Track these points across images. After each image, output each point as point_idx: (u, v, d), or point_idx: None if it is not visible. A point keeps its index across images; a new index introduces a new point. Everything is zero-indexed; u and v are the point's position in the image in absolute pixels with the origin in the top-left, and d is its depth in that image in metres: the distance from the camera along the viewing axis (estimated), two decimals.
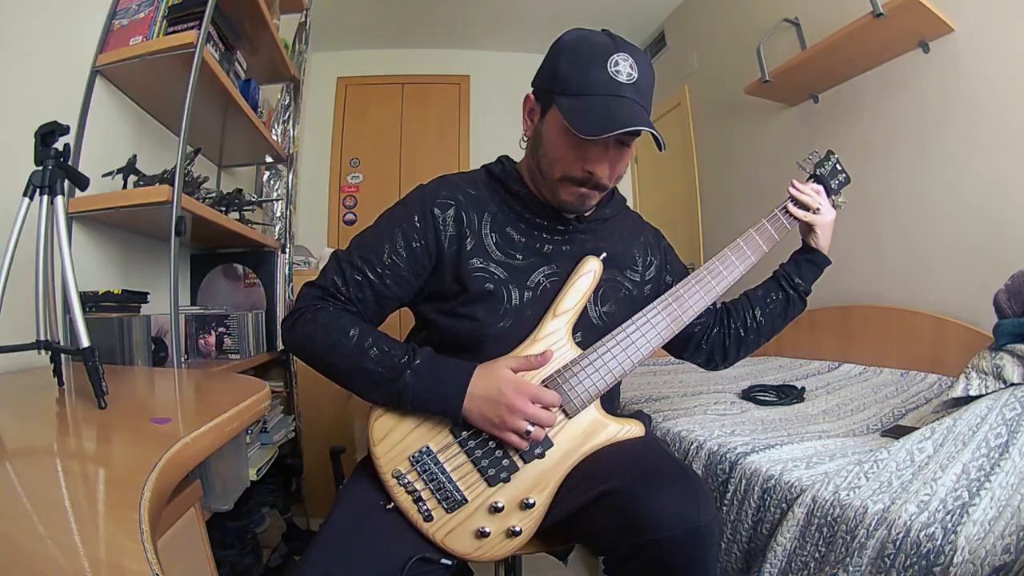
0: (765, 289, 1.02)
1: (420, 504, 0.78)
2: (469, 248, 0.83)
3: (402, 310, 0.93)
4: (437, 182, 0.89)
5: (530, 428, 0.76)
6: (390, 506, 0.79)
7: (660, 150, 0.76)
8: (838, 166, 0.99)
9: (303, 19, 2.16)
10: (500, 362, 0.79)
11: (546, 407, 0.78)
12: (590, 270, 0.85)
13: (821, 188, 0.97)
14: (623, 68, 0.76)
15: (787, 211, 0.95)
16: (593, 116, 0.74)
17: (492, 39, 3.50)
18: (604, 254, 0.87)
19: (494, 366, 0.79)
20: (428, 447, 0.80)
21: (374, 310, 0.85)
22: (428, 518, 0.78)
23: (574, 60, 0.78)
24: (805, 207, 0.95)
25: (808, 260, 1.00)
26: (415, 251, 0.83)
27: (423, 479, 0.79)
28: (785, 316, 1.01)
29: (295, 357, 0.86)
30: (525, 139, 0.87)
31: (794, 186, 0.96)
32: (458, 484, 0.79)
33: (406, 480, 0.79)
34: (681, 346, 1.02)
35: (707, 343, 1.02)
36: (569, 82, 0.77)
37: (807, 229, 0.98)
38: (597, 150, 0.78)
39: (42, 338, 0.76)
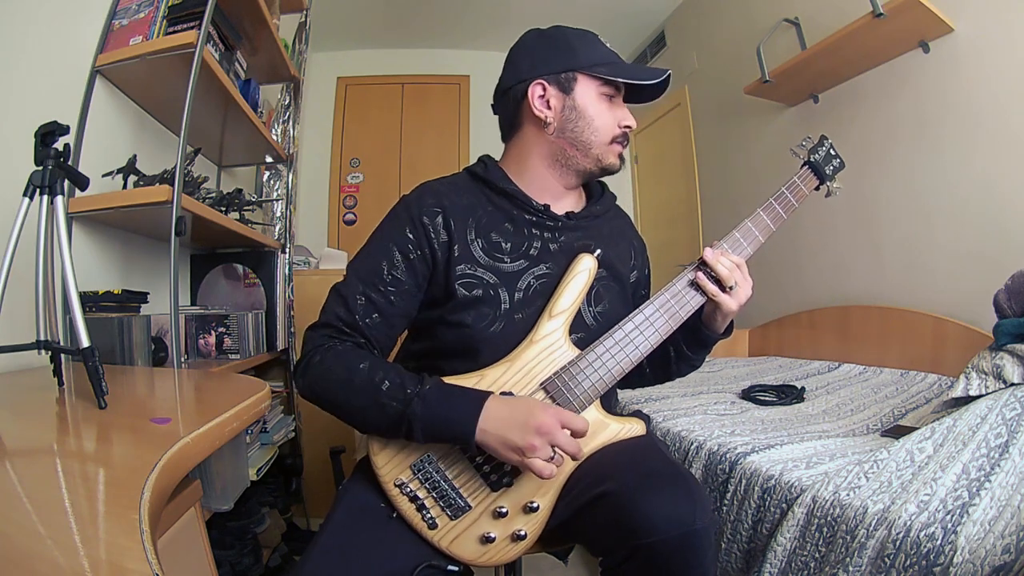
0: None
1: (424, 512, 0.78)
2: (457, 255, 0.83)
3: None
4: (419, 191, 0.88)
5: (553, 454, 0.71)
6: (394, 515, 0.79)
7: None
8: (832, 151, 0.98)
9: (303, 19, 2.16)
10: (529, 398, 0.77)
11: (577, 434, 0.72)
12: (585, 268, 0.84)
13: (743, 263, 0.84)
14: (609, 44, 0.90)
15: (694, 283, 0.82)
16: (635, 72, 0.87)
17: (492, 39, 3.50)
18: (599, 251, 0.86)
19: (520, 396, 0.77)
20: (429, 455, 0.79)
21: (384, 331, 0.84)
22: (432, 526, 0.78)
23: (584, 42, 0.87)
24: (717, 281, 0.81)
25: (695, 340, 0.89)
26: (413, 263, 0.83)
27: (426, 487, 0.78)
28: (667, 373, 0.97)
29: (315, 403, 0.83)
30: (548, 126, 0.87)
31: (708, 253, 0.81)
32: (461, 491, 0.78)
33: (408, 489, 0.78)
34: None
35: None
36: (593, 56, 0.87)
37: (711, 305, 0.84)
38: (624, 107, 0.89)
39: (42, 338, 0.76)
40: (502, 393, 0.78)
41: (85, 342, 0.70)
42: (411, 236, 0.83)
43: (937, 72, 1.74)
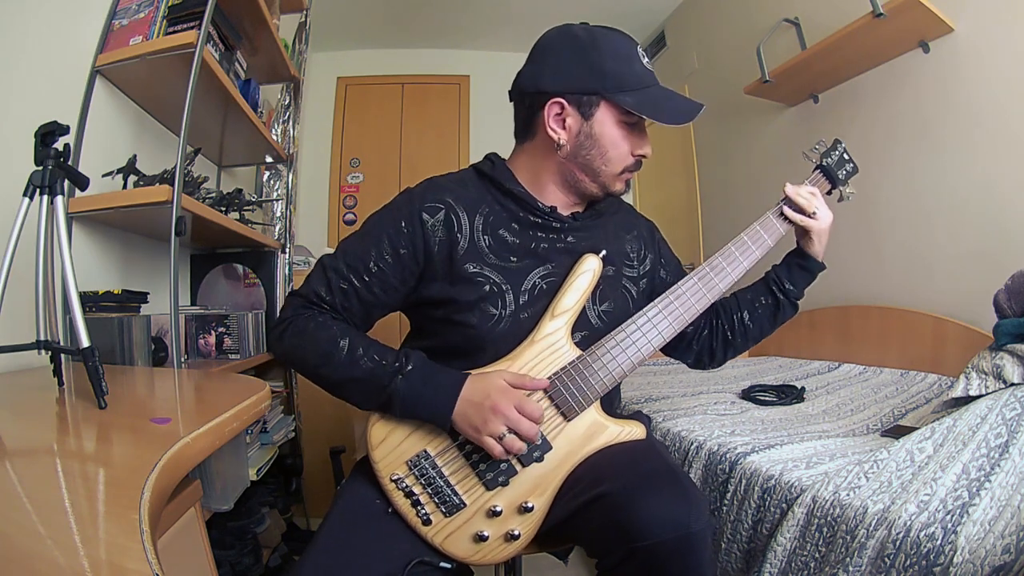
0: (754, 292, 0.98)
1: (418, 508, 0.78)
2: (462, 253, 0.82)
3: (400, 314, 0.92)
4: (425, 185, 0.87)
5: (505, 432, 0.74)
6: (390, 510, 0.79)
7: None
8: (845, 155, 0.96)
9: (303, 19, 2.17)
10: (494, 372, 0.79)
11: (530, 419, 0.75)
12: (589, 268, 0.84)
13: (817, 191, 0.92)
14: (646, 57, 0.84)
15: (781, 214, 0.91)
16: (665, 106, 0.82)
17: (492, 39, 3.50)
18: (603, 252, 0.86)
19: (487, 374, 0.78)
20: (426, 451, 0.79)
21: (361, 316, 0.85)
22: (427, 522, 0.78)
23: (617, 59, 0.81)
24: (800, 211, 0.90)
25: (800, 265, 0.95)
26: (402, 258, 0.82)
27: (421, 483, 0.79)
28: (774, 320, 0.98)
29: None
30: (559, 147, 0.84)
31: (789, 188, 0.90)
32: (456, 488, 0.79)
33: (404, 484, 0.79)
34: (672, 345, 1.00)
35: (698, 343, 1.00)
36: (624, 79, 0.81)
37: (802, 233, 0.93)
38: (644, 135, 0.85)
39: (42, 338, 0.76)
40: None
41: (85, 342, 0.70)
42: (406, 231, 0.82)
43: (937, 72, 1.74)
